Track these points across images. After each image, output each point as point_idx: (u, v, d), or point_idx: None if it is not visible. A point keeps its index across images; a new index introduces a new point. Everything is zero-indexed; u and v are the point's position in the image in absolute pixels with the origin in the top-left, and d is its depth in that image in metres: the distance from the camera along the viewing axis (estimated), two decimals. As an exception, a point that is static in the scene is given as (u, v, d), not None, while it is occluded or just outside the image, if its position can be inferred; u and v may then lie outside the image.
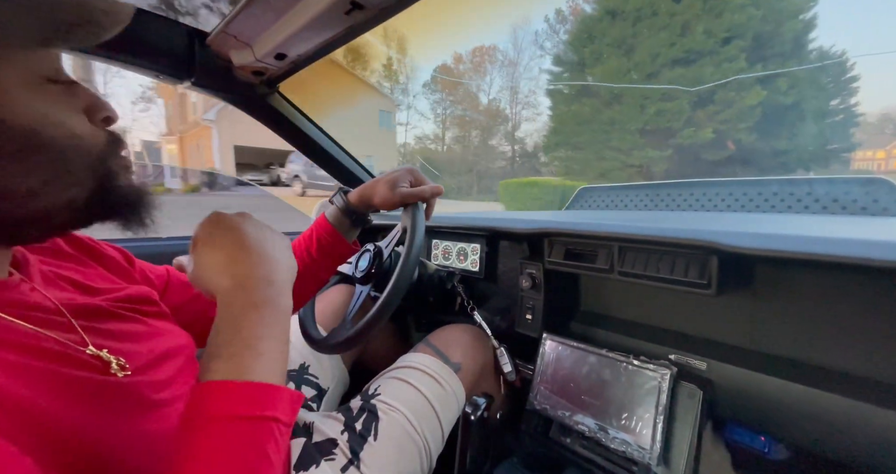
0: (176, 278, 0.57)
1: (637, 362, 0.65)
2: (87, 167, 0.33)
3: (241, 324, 0.33)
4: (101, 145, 0.34)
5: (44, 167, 0.30)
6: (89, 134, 0.34)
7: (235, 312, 0.33)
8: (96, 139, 0.34)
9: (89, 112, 0.35)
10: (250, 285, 0.34)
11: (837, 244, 0.45)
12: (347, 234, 0.65)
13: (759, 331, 0.59)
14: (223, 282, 0.34)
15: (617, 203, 1.10)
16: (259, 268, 0.35)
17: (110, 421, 0.32)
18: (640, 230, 0.62)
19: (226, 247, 0.36)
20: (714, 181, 0.96)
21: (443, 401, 0.66)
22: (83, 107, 0.34)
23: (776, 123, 10.87)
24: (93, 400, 0.32)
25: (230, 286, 0.34)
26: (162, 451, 0.35)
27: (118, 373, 0.35)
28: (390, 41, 17.23)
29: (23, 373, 0.29)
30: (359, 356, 0.93)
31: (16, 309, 0.33)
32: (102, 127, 0.36)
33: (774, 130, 10.92)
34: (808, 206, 0.81)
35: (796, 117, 11.00)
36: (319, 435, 0.57)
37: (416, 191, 0.62)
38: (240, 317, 0.33)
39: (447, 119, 24.72)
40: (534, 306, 0.80)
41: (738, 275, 0.58)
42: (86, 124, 0.34)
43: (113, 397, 0.34)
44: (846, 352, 0.52)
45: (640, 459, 0.60)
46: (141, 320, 0.43)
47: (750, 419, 0.60)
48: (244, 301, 0.34)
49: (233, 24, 0.65)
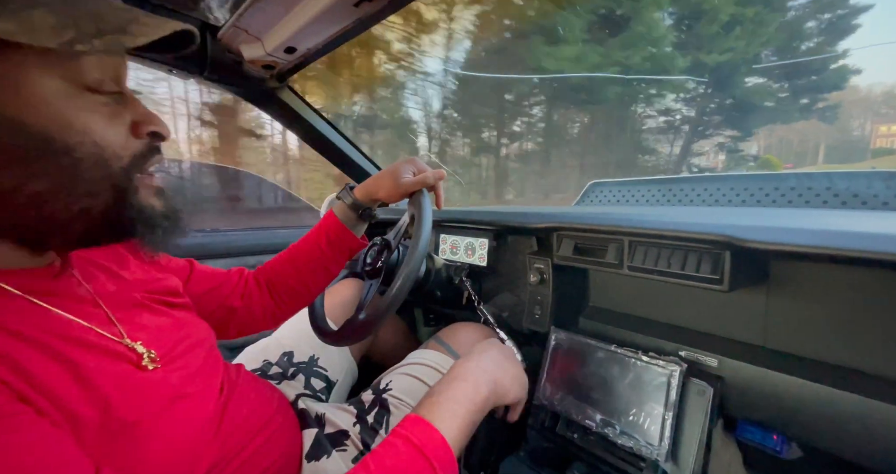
0: (198, 271, 0.59)
1: (646, 358, 0.64)
2: (104, 178, 0.33)
3: (455, 388, 0.46)
4: (128, 158, 0.34)
5: (52, 173, 0.30)
6: (119, 145, 0.33)
7: (472, 379, 0.48)
8: (125, 151, 0.34)
9: (136, 127, 0.35)
10: (478, 371, 0.50)
11: (858, 238, 0.44)
12: (355, 229, 0.66)
13: (772, 328, 0.58)
14: (464, 359, 0.53)
15: (628, 198, 1.08)
16: (487, 365, 0.52)
17: (142, 410, 0.33)
18: (650, 224, 0.61)
19: (481, 348, 0.56)
20: (728, 175, 0.93)
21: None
22: (131, 120, 0.34)
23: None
24: (127, 390, 0.33)
25: (487, 370, 0.51)
26: (189, 439, 0.37)
27: (149, 365, 0.37)
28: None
29: (64, 361, 0.31)
30: (367, 349, 0.94)
31: (57, 298, 0.34)
32: (147, 141, 0.36)
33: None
34: (826, 201, 0.79)
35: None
36: (331, 426, 0.58)
37: (420, 178, 0.63)
38: (470, 383, 0.48)
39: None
40: (542, 301, 0.79)
41: (752, 270, 0.56)
42: (121, 135, 0.34)
43: (145, 388, 0.35)
44: (863, 350, 0.51)
45: (648, 456, 0.59)
46: (168, 313, 0.45)
47: (762, 417, 0.59)
48: (468, 377, 0.49)
49: (243, 17, 0.66)
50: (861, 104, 25.68)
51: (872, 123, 26.02)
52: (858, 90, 26.59)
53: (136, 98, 0.36)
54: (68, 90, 0.30)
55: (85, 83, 0.31)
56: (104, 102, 0.33)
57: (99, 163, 0.32)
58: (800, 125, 13.56)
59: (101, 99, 0.32)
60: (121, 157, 0.33)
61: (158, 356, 0.38)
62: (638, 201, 1.06)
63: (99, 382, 0.31)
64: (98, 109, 0.32)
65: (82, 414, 0.30)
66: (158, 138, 0.37)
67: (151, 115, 0.36)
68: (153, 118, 0.36)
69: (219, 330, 0.55)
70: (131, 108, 0.35)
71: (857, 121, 25.30)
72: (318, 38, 0.68)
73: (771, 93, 12.95)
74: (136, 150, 0.35)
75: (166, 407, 0.36)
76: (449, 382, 0.47)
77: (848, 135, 23.98)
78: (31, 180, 0.30)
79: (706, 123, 13.35)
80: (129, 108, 0.35)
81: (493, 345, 0.58)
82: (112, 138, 0.33)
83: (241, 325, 0.62)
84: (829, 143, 20.93)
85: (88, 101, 0.31)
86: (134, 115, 0.35)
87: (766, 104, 13.06)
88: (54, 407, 0.28)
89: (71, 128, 0.30)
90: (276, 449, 0.49)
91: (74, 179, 0.31)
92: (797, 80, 12.71)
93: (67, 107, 0.30)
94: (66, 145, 0.30)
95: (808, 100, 13.34)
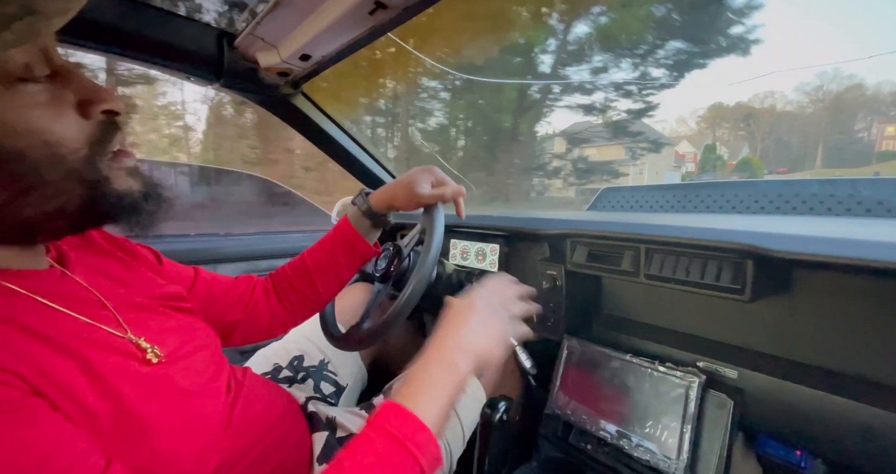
0: (202, 279, 0.59)
1: (663, 368, 0.62)
2: (67, 176, 0.30)
3: (439, 373, 0.41)
4: (86, 148, 0.31)
5: (9, 181, 0.28)
6: (72, 137, 0.30)
7: (447, 360, 0.42)
8: (79, 142, 0.31)
9: (84, 106, 0.31)
10: (456, 351, 0.43)
11: (888, 248, 0.42)
12: (368, 236, 0.66)
13: (795, 339, 0.56)
14: (439, 337, 0.44)
15: (642, 204, 1.07)
16: (464, 340, 0.44)
17: (152, 405, 0.34)
18: (669, 232, 0.60)
19: (456, 317, 0.46)
20: (747, 181, 0.91)
21: (463, 404, 0.66)
22: (76, 101, 0.31)
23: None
24: (135, 384, 0.33)
25: (466, 343, 0.44)
26: (198, 437, 0.37)
27: (153, 360, 0.37)
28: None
29: (75, 358, 0.31)
30: (377, 354, 0.94)
31: (64, 300, 0.35)
32: (103, 121, 0.32)
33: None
34: (850, 209, 0.77)
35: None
36: (343, 430, 0.58)
37: (436, 194, 0.62)
38: (446, 366, 0.41)
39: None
40: (554, 308, 0.78)
41: (775, 280, 0.55)
42: (72, 124, 0.30)
43: (152, 383, 0.35)
44: (890, 364, 0.49)
45: (666, 469, 0.58)
46: (174, 316, 0.45)
47: (784, 432, 0.57)
48: (445, 357, 0.42)
49: (260, 26, 0.67)
50: (868, 104, 24.70)
51: (879, 123, 24.80)
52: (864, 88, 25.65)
53: (75, 72, 0.31)
54: (1, 85, 0.27)
55: (11, 73, 0.27)
56: (39, 91, 0.29)
57: (56, 161, 0.29)
58: (800, 125, 13.34)
59: (35, 88, 0.29)
60: (77, 150, 0.30)
61: (163, 354, 0.38)
62: (652, 207, 1.04)
63: (109, 377, 0.32)
64: (36, 101, 0.29)
65: (95, 408, 0.30)
66: (112, 114, 0.33)
67: (98, 89, 0.32)
68: (100, 92, 0.32)
69: (223, 337, 0.55)
70: (73, 85, 0.31)
71: (860, 123, 24.33)
72: (333, 46, 0.69)
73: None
74: (92, 136, 0.32)
75: (176, 403, 0.36)
76: (426, 365, 0.42)
77: (851, 136, 23.04)
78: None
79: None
80: (71, 87, 0.31)
81: (470, 310, 0.48)
82: (62, 131, 0.30)
83: (245, 334, 0.62)
84: (831, 145, 20.31)
85: (22, 94, 0.28)
86: (78, 92, 0.31)
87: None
88: (69, 402, 0.29)
89: (13, 131, 0.28)
90: (283, 450, 0.49)
91: (36, 183, 0.29)
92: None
93: (2, 106, 0.27)
94: (14, 150, 0.28)
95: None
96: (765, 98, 50.97)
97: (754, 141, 43.02)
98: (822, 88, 47.03)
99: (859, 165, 20.05)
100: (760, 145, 42.21)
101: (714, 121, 46.86)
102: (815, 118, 16.57)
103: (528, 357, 0.79)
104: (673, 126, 59.37)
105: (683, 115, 64.70)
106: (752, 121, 44.42)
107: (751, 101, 50.69)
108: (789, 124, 15.28)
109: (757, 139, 43.83)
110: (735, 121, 45.67)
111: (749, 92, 68.71)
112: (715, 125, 46.79)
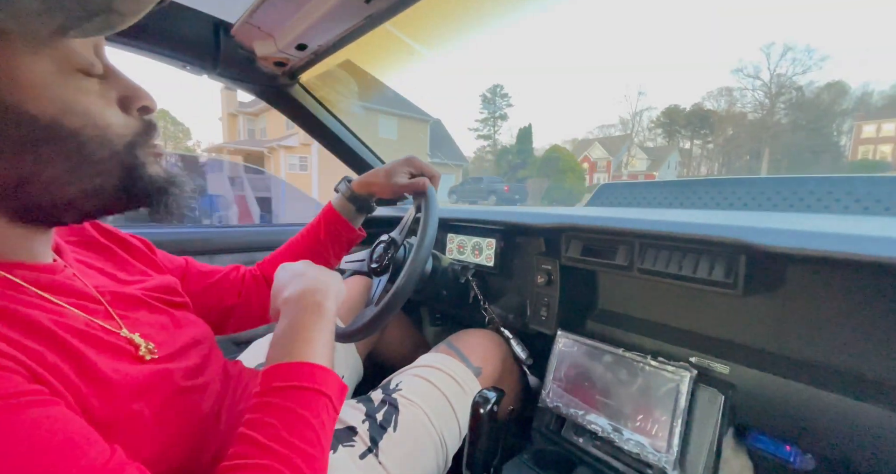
0: (194, 268, 0.59)
1: (655, 363, 0.63)
2: (111, 157, 0.33)
3: (294, 323, 0.41)
4: (130, 136, 0.34)
5: (63, 157, 0.31)
6: (119, 124, 0.34)
7: (291, 315, 0.42)
8: (126, 129, 0.34)
9: (124, 102, 0.35)
10: (303, 297, 0.43)
11: (883, 244, 0.42)
12: (352, 220, 0.69)
13: (787, 335, 0.56)
14: (286, 294, 0.44)
15: (639, 200, 1.07)
16: (310, 287, 0.45)
17: (142, 401, 0.34)
18: (663, 226, 0.60)
19: (293, 279, 0.47)
20: (744, 178, 0.91)
21: (461, 402, 0.66)
22: (118, 97, 0.34)
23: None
24: (128, 381, 0.33)
25: (290, 297, 0.44)
26: (191, 432, 0.37)
27: (146, 356, 0.37)
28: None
29: (69, 351, 0.31)
30: (373, 347, 0.94)
31: (61, 293, 0.35)
32: (139, 116, 0.36)
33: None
34: (847, 207, 0.77)
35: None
36: (339, 422, 0.58)
37: (411, 183, 0.66)
38: (294, 318, 0.41)
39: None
40: (549, 303, 0.78)
41: (768, 275, 0.55)
42: (117, 115, 0.34)
43: (144, 379, 0.35)
44: (882, 360, 0.49)
45: (656, 463, 0.58)
46: (167, 311, 0.45)
47: (775, 427, 0.57)
48: (298, 306, 0.42)
49: (256, 14, 0.66)
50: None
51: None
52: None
53: (118, 71, 0.35)
54: (62, 73, 0.30)
55: (76, 66, 0.31)
56: (95, 83, 0.33)
57: (104, 143, 0.32)
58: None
59: (91, 81, 0.32)
60: (123, 135, 0.34)
61: (157, 350, 0.38)
62: (650, 203, 1.04)
63: (102, 374, 0.32)
64: (92, 90, 0.32)
65: (89, 404, 0.30)
66: (147, 111, 0.36)
67: (137, 89, 0.35)
68: (139, 92, 0.35)
69: (216, 326, 0.56)
70: (116, 83, 0.34)
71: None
72: (329, 35, 0.69)
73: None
74: (139, 126, 0.35)
75: (169, 399, 0.36)
76: (290, 317, 0.42)
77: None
78: (43, 167, 0.30)
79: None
80: (114, 84, 0.34)
81: (292, 268, 0.50)
82: (111, 118, 0.33)
83: (238, 321, 0.63)
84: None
85: (81, 83, 0.32)
86: (119, 89, 0.34)
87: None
88: (67, 392, 0.29)
89: (72, 111, 0.31)
90: None
91: (84, 161, 0.32)
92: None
93: (65, 90, 0.30)
94: (72, 129, 0.31)
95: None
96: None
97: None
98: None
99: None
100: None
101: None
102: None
103: (524, 348, 0.80)
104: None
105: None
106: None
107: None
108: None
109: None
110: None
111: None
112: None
